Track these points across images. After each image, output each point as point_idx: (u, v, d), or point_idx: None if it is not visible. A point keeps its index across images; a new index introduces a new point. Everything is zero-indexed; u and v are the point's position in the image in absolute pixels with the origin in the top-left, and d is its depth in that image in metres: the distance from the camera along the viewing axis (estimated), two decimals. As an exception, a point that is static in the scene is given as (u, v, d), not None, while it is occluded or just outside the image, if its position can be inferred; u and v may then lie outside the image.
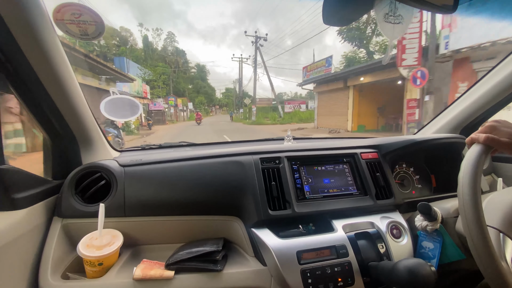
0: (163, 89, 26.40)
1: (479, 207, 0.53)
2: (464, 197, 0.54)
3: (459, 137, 1.08)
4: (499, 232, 0.64)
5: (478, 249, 0.52)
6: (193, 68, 56.89)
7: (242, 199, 0.83)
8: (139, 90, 18.19)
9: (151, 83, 24.17)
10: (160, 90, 25.37)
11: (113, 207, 0.80)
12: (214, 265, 0.73)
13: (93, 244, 0.74)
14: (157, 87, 25.45)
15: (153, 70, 24.55)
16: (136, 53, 32.53)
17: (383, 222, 0.84)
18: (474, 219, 0.52)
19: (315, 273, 0.70)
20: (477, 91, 1.13)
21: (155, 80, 25.04)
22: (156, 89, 24.74)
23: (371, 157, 0.97)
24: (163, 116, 22.21)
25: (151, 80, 24.07)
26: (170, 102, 26.53)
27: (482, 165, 0.56)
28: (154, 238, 0.86)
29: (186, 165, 0.88)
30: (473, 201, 0.53)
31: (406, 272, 0.59)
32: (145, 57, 28.89)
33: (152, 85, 24.15)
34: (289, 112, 24.99)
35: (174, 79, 40.78)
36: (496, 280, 0.51)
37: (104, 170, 0.85)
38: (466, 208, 0.54)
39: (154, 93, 23.47)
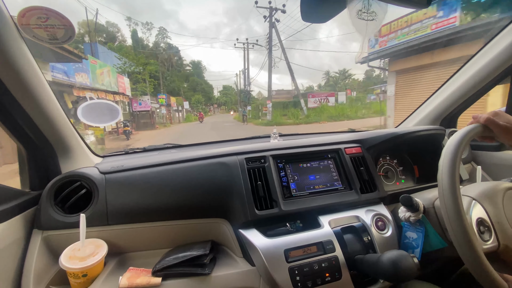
0: (151, 84, 21.50)
1: (457, 191, 0.55)
2: (443, 182, 0.56)
3: (439, 128, 1.11)
4: (472, 199, 0.70)
5: (456, 234, 0.54)
6: (188, 65, 53.67)
7: (229, 200, 0.83)
8: (111, 81, 12.99)
9: (134, 76, 19.42)
10: (147, 85, 20.27)
11: (96, 216, 0.78)
12: (202, 269, 0.72)
13: (76, 256, 0.72)
14: (142, 81, 20.06)
15: (135, 60, 19.27)
16: (125, 50, 27.46)
17: (368, 215, 0.85)
18: (452, 202, 0.54)
19: (303, 270, 0.70)
20: (455, 83, 1.17)
21: (138, 72, 19.60)
22: (141, 83, 19.52)
23: (355, 151, 0.98)
24: (152, 119, 17.83)
25: (133, 72, 19.26)
26: (161, 100, 22.07)
27: (462, 151, 0.58)
28: (140, 245, 0.85)
29: (169, 169, 0.86)
30: (451, 186, 0.55)
31: (390, 264, 0.60)
32: (135, 54, 24.21)
33: (135, 78, 19.39)
34: (314, 107, 19.83)
35: (168, 77, 37.58)
36: (474, 265, 0.52)
37: (84, 179, 0.82)
38: (445, 193, 0.55)
39: (138, 88, 18.86)
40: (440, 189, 0.57)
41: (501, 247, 0.62)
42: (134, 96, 17.83)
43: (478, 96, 1.16)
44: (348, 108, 19.10)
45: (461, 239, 0.53)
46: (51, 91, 0.78)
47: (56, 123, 0.81)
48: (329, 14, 0.70)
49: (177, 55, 48.13)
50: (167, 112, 24.34)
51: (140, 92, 19.16)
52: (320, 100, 20.67)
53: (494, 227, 0.65)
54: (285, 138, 1.38)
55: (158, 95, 22.82)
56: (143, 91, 19.70)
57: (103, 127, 8.79)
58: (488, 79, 1.07)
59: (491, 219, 0.66)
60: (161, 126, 19.64)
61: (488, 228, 0.65)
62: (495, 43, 1.03)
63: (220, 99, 57.84)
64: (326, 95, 21.53)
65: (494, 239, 0.63)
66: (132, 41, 33.91)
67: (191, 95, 44.76)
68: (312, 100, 20.67)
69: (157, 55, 39.31)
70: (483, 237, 0.64)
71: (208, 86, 56.61)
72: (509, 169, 1.12)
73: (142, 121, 16.79)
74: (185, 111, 32.35)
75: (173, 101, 27.25)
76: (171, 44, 47.51)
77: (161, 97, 22.44)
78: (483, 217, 0.67)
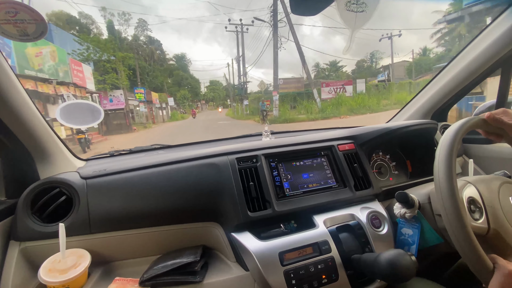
0: (125, 74, 16.51)
1: (452, 173, 0.55)
2: (440, 164, 0.56)
3: (431, 122, 1.10)
4: (467, 182, 0.70)
5: (447, 210, 0.53)
6: (171, 59, 49.81)
7: (220, 203, 0.79)
8: (57, 67, 9.21)
9: (101, 65, 15.07)
10: (120, 76, 15.42)
11: (77, 225, 0.73)
12: (193, 277, 0.68)
13: (56, 268, 0.67)
14: (112, 70, 15.16)
15: (101, 46, 14.64)
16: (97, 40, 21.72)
17: (363, 213, 0.84)
18: (446, 182, 0.54)
19: (299, 273, 0.68)
20: (445, 76, 1.16)
21: (107, 61, 14.92)
22: (111, 74, 14.83)
23: (348, 148, 0.96)
24: (127, 119, 14.30)
25: (100, 61, 14.93)
26: (138, 96, 17.96)
27: (460, 140, 0.58)
28: (126, 253, 0.80)
29: (155, 172, 0.82)
30: (447, 167, 0.55)
31: (387, 264, 0.58)
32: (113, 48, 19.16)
33: (104, 68, 15.00)
34: (328, 98, 16.07)
35: (150, 73, 35.14)
36: (462, 242, 0.52)
37: (63, 185, 0.77)
38: (441, 174, 0.55)
39: (107, 80, 14.50)
40: (435, 170, 0.57)
41: (491, 231, 0.62)
42: (102, 90, 14.43)
43: (469, 89, 1.16)
44: (367, 98, 16.07)
45: (451, 215, 0.53)
46: (25, 93, 0.73)
47: (31, 126, 0.76)
48: (319, 6, 0.68)
49: (159, 49, 44.81)
50: (149, 110, 20.56)
51: (109, 86, 14.88)
52: (336, 90, 16.63)
53: (486, 210, 0.64)
54: (277, 136, 1.36)
55: (135, 89, 18.70)
56: (114, 84, 15.19)
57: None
58: (478, 71, 1.07)
59: (484, 202, 0.66)
60: (141, 127, 16.14)
61: (480, 209, 0.65)
62: (485, 35, 1.02)
63: (208, 95, 54.81)
64: (343, 83, 17.29)
65: (485, 221, 0.63)
66: (108, 33, 29.12)
67: (176, 91, 40.97)
68: (326, 90, 16.62)
69: (137, 49, 36.16)
70: (473, 215, 0.64)
71: (194, 80, 51.34)
72: (500, 162, 1.12)
73: (115, 123, 13.52)
74: (170, 108, 29.06)
75: (155, 97, 23.58)
76: (152, 37, 43.96)
77: (138, 92, 18.28)
78: (475, 197, 0.66)
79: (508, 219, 0.63)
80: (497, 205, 0.65)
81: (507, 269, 0.50)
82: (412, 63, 26.14)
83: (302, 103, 16.43)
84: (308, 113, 14.65)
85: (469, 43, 1.08)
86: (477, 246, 0.51)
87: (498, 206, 0.65)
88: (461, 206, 0.53)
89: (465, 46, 1.10)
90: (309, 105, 15.50)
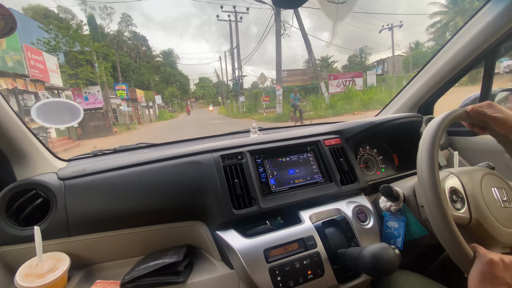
0: (103, 67, 14.39)
1: (434, 163, 0.55)
2: (422, 165, 0.56)
3: (416, 115, 1.10)
4: (450, 173, 0.71)
5: (429, 199, 0.54)
6: (158, 56, 47.37)
7: (204, 201, 0.78)
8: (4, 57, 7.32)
9: (72, 56, 12.89)
10: (95, 71, 13.44)
11: (54, 227, 0.70)
12: (176, 277, 0.67)
13: (33, 273, 0.65)
14: (86, 63, 12.97)
15: (73, 34, 12.61)
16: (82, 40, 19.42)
17: (349, 207, 0.83)
18: (428, 172, 0.55)
19: (284, 269, 0.67)
20: (430, 70, 1.17)
21: (81, 52, 12.78)
22: (85, 67, 12.73)
23: (334, 143, 0.96)
24: (106, 120, 12.28)
25: (71, 51, 12.84)
26: (120, 93, 15.55)
27: (441, 135, 0.59)
28: (108, 255, 0.78)
29: (137, 171, 0.79)
30: (429, 158, 0.56)
31: (371, 258, 0.58)
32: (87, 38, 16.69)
33: (76, 60, 12.83)
34: (336, 93, 14.15)
35: (135, 70, 33.11)
36: (443, 231, 0.52)
37: (39, 187, 0.74)
38: (423, 165, 0.56)
39: (80, 74, 12.40)
40: (418, 160, 0.58)
41: (472, 221, 0.62)
42: (75, 87, 12.39)
43: (453, 82, 1.16)
44: (379, 91, 14.48)
45: (433, 204, 0.53)
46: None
47: (3, 126, 0.72)
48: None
49: (145, 45, 42.55)
50: (134, 109, 18.37)
51: (83, 81, 12.64)
52: (344, 83, 14.75)
53: (468, 200, 0.65)
54: (265, 132, 1.34)
55: (116, 86, 16.04)
56: (90, 79, 13.02)
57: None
58: (462, 65, 1.07)
59: (466, 192, 0.66)
60: (123, 128, 14.01)
61: (462, 199, 0.65)
62: (467, 29, 1.03)
63: (197, 93, 52.43)
64: (352, 76, 15.40)
65: (467, 211, 0.63)
66: (90, 28, 26.12)
67: (163, 88, 38.54)
68: (334, 83, 14.71)
69: (118, 41, 33.61)
70: (455, 205, 0.64)
71: (183, 77, 48.60)
72: (484, 153, 1.14)
73: (92, 124, 11.61)
74: (157, 106, 26.52)
75: (140, 95, 21.31)
76: (138, 33, 41.02)
77: (119, 88, 15.68)
78: (457, 187, 0.67)
79: (489, 209, 0.64)
80: (479, 195, 0.66)
81: (487, 258, 0.50)
82: (409, 56, 26.06)
83: (308, 98, 14.34)
84: (316, 110, 12.54)
85: (452, 37, 1.08)
86: (457, 235, 0.51)
87: (480, 197, 0.65)
88: (442, 196, 0.53)
89: (448, 40, 1.10)
90: (317, 100, 13.54)
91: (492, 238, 0.61)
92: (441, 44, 1.14)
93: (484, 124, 0.68)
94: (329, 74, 16.50)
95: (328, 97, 13.55)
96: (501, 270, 0.49)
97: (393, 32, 21.67)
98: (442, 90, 1.21)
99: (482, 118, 0.65)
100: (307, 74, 17.38)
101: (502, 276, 0.48)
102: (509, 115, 0.63)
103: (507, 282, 0.48)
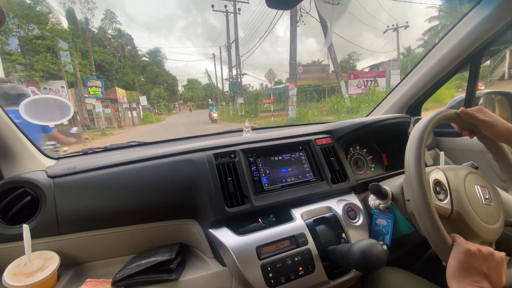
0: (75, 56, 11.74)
1: (421, 166, 0.58)
2: (410, 159, 0.59)
3: (404, 116, 1.13)
4: (436, 168, 0.74)
5: (414, 190, 0.57)
6: (144, 55, 44.97)
7: (196, 199, 0.78)
8: None
9: (25, 40, 10.30)
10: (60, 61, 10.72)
11: (44, 226, 0.69)
12: (169, 275, 0.67)
13: (22, 271, 0.63)
14: (47, 50, 10.23)
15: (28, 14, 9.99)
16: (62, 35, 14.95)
17: (339, 205, 0.85)
18: (416, 172, 0.58)
19: (276, 266, 0.68)
20: (418, 73, 1.20)
21: (40, 37, 10.13)
22: (42, 54, 10.08)
23: (325, 142, 0.98)
24: (73, 123, 8.96)
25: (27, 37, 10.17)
26: (93, 91, 12.76)
27: (427, 137, 0.61)
28: (99, 254, 0.77)
29: (128, 169, 0.79)
30: (417, 153, 0.59)
31: (360, 254, 0.60)
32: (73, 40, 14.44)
33: (33, 48, 10.31)
34: (356, 94, 12.32)
35: (119, 69, 31.22)
36: (424, 217, 0.56)
37: (27, 184, 0.73)
38: (411, 173, 0.58)
39: (36, 65, 9.82)
40: (406, 155, 0.61)
41: (454, 213, 0.64)
42: (33, 81, 9.60)
43: (440, 85, 1.20)
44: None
45: (417, 194, 0.56)
46: None
47: None
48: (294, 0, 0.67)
49: (130, 44, 40.18)
50: (113, 111, 15.90)
51: (40, 74, 9.91)
52: (366, 83, 12.86)
53: (451, 193, 0.67)
54: (258, 131, 1.35)
55: (88, 81, 12.94)
56: (50, 70, 10.28)
57: None
58: (448, 68, 1.11)
59: (449, 185, 0.68)
60: (97, 135, 11.58)
61: (445, 191, 0.68)
62: (454, 32, 1.06)
63: (185, 94, 50.51)
64: (374, 75, 13.51)
65: (449, 202, 0.65)
66: (68, 23, 23.05)
67: (149, 89, 36.42)
68: (355, 83, 12.75)
69: (103, 42, 31.99)
70: (438, 196, 0.66)
71: (171, 77, 45.81)
72: (468, 153, 1.18)
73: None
74: (141, 108, 23.85)
75: (122, 95, 18.59)
76: (122, 31, 38.52)
77: (92, 85, 12.73)
78: (441, 180, 0.69)
79: (471, 204, 0.66)
80: (462, 190, 0.68)
81: (465, 247, 0.52)
82: (408, 59, 26.35)
83: (330, 100, 12.20)
84: (337, 114, 10.46)
85: (439, 40, 1.12)
86: (438, 223, 0.54)
87: (463, 191, 0.68)
88: (426, 187, 0.56)
89: (434, 45, 1.14)
90: (339, 103, 11.00)
91: (472, 232, 0.63)
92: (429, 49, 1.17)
93: (473, 128, 0.71)
94: (349, 72, 14.32)
95: (348, 99, 11.46)
96: (478, 260, 0.51)
97: (398, 33, 21.17)
98: (430, 92, 1.25)
99: (472, 120, 0.68)
100: (325, 71, 14.61)
101: (479, 266, 0.50)
102: (497, 120, 0.66)
103: (484, 271, 0.50)
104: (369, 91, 11.88)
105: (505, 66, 13.32)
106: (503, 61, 13.46)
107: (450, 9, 19.32)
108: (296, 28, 10.34)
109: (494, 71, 13.88)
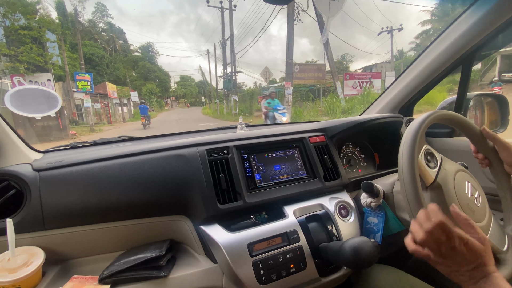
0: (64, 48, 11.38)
1: (414, 168, 0.58)
2: (403, 159, 0.59)
3: (397, 116, 1.15)
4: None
5: (409, 198, 0.57)
6: (136, 51, 43.99)
7: (188, 195, 0.77)
8: None
9: (10, 31, 9.90)
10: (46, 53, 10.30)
11: (28, 220, 0.67)
12: (158, 272, 0.66)
13: (5, 267, 0.61)
14: (32, 41, 10.00)
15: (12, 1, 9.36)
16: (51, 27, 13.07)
17: (331, 202, 0.86)
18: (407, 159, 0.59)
19: (267, 263, 0.68)
20: (411, 73, 1.21)
21: (26, 27, 9.97)
22: (28, 45, 9.88)
23: (319, 140, 0.98)
24: (60, 119, 9.03)
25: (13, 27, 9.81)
26: (81, 85, 12.21)
27: (421, 135, 0.62)
28: (86, 250, 0.75)
29: (118, 163, 0.77)
30: (410, 156, 0.59)
31: (351, 251, 0.61)
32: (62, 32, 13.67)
33: (17, 37, 9.86)
34: (351, 95, 12.21)
35: (111, 64, 30.47)
36: (408, 180, 0.57)
37: (11, 177, 0.70)
38: (404, 168, 0.58)
39: (20, 56, 9.58)
40: (401, 148, 0.61)
41: (435, 183, 0.65)
42: (13, 72, 8.99)
43: (432, 86, 1.22)
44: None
45: (407, 178, 0.58)
46: None
47: None
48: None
49: (122, 38, 39.15)
50: (103, 107, 15.55)
51: (25, 66, 9.46)
52: (361, 84, 12.98)
53: (439, 169, 0.67)
54: (252, 128, 1.34)
55: (76, 75, 12.42)
56: (36, 62, 9.89)
57: None
58: (441, 69, 1.12)
59: (441, 164, 0.69)
60: (86, 131, 11.19)
61: (436, 163, 0.69)
62: (447, 34, 1.08)
63: (178, 91, 49.58)
64: (370, 76, 13.66)
65: (435, 172, 0.66)
66: (58, 14, 21.88)
67: (141, 85, 35.71)
68: (350, 83, 12.85)
69: (93, 35, 30.78)
70: (429, 164, 0.67)
71: (163, 73, 45.13)
72: (459, 154, 1.20)
73: (40, 125, 8.84)
74: (132, 104, 22.59)
75: (112, 90, 18.18)
76: (114, 25, 37.98)
77: (81, 79, 12.18)
78: (434, 152, 0.70)
79: (456, 190, 0.66)
80: (451, 173, 0.68)
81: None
82: (400, 62, 26.62)
83: (326, 100, 11.77)
84: (331, 114, 10.18)
85: (432, 42, 1.13)
86: (418, 187, 0.57)
87: (452, 175, 0.68)
88: (417, 176, 0.58)
89: (427, 47, 1.15)
90: (335, 103, 10.72)
91: (445, 206, 0.62)
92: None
93: (489, 155, 0.70)
94: (345, 73, 14.51)
95: (343, 99, 11.23)
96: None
97: (392, 35, 21.30)
98: (422, 93, 1.26)
99: (493, 141, 0.68)
100: (321, 70, 14.63)
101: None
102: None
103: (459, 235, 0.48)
104: (364, 92, 11.97)
105: (496, 70, 13.67)
106: (493, 65, 13.81)
107: (443, 13, 19.69)
108: (293, 26, 10.14)
109: (484, 76, 14.22)
